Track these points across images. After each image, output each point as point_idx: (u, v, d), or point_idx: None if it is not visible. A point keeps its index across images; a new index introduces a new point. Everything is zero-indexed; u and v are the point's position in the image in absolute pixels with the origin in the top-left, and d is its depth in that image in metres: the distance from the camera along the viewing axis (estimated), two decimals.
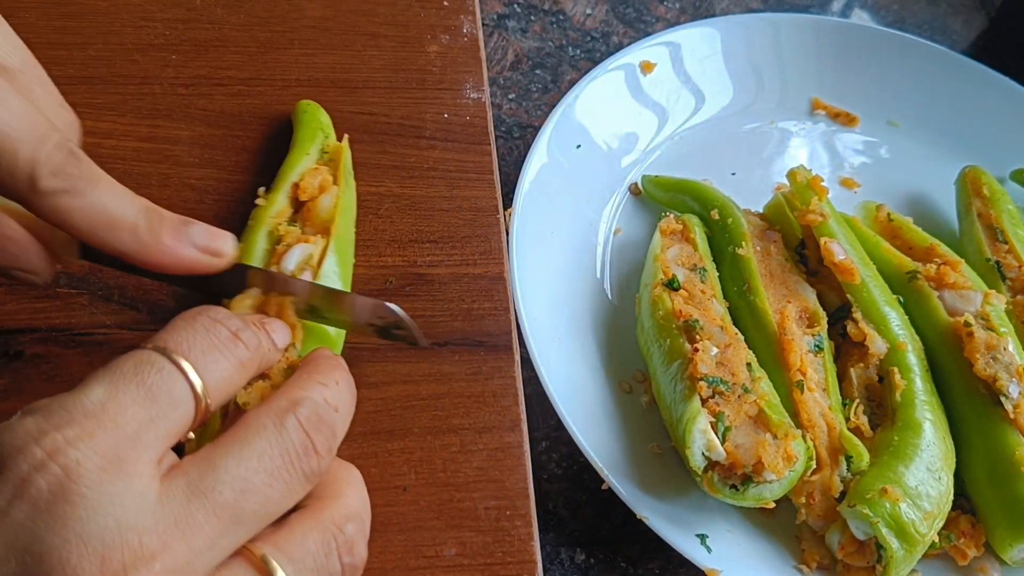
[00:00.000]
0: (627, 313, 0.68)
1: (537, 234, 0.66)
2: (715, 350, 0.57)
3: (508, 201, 0.65)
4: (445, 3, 0.70)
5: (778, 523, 0.58)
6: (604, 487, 0.56)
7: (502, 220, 0.61)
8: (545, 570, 0.48)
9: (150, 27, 0.65)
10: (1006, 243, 0.69)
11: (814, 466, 0.55)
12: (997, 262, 0.68)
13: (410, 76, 0.66)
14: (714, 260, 0.69)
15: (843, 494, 0.55)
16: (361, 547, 0.36)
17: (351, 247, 0.54)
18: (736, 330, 0.60)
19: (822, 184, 0.68)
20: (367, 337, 0.54)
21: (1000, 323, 0.61)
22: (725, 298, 0.65)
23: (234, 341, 0.36)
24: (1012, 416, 0.57)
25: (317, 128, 0.57)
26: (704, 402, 0.54)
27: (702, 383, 0.55)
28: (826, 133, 0.83)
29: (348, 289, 0.52)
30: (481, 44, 0.69)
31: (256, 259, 0.49)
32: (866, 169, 0.81)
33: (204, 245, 0.41)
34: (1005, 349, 0.59)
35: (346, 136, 0.58)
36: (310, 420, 0.35)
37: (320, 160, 0.56)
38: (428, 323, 0.55)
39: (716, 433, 0.53)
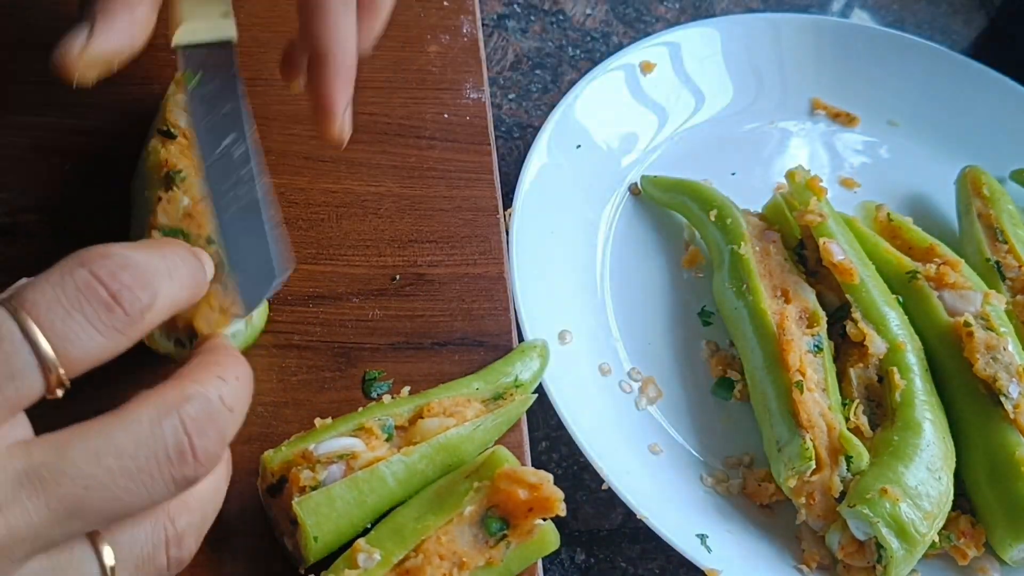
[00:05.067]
0: (627, 313, 0.68)
1: (537, 234, 0.66)
2: (187, 200, 0.51)
3: (508, 201, 0.65)
4: (445, 3, 0.70)
5: (778, 523, 0.58)
6: (604, 487, 0.56)
7: (502, 220, 0.61)
8: (545, 570, 0.48)
9: None
10: (1006, 243, 0.69)
11: (814, 466, 0.55)
12: (997, 262, 0.68)
13: (410, 76, 0.66)
14: (713, 260, 0.69)
15: (843, 494, 0.55)
16: (191, 541, 0.34)
17: None
18: None
19: (820, 184, 0.68)
20: (365, 338, 0.54)
21: (1000, 323, 0.61)
22: (724, 299, 0.65)
23: (111, 307, 0.32)
24: (1012, 416, 0.57)
25: None
26: None
27: (156, 232, 0.49)
28: (826, 133, 0.83)
29: None
30: (481, 44, 0.69)
31: None
32: (866, 169, 0.81)
33: None
34: (1005, 349, 0.59)
35: None
36: (197, 421, 0.31)
37: None
38: (428, 323, 0.55)
39: None
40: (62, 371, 0.31)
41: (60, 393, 0.31)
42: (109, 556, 0.31)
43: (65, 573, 0.31)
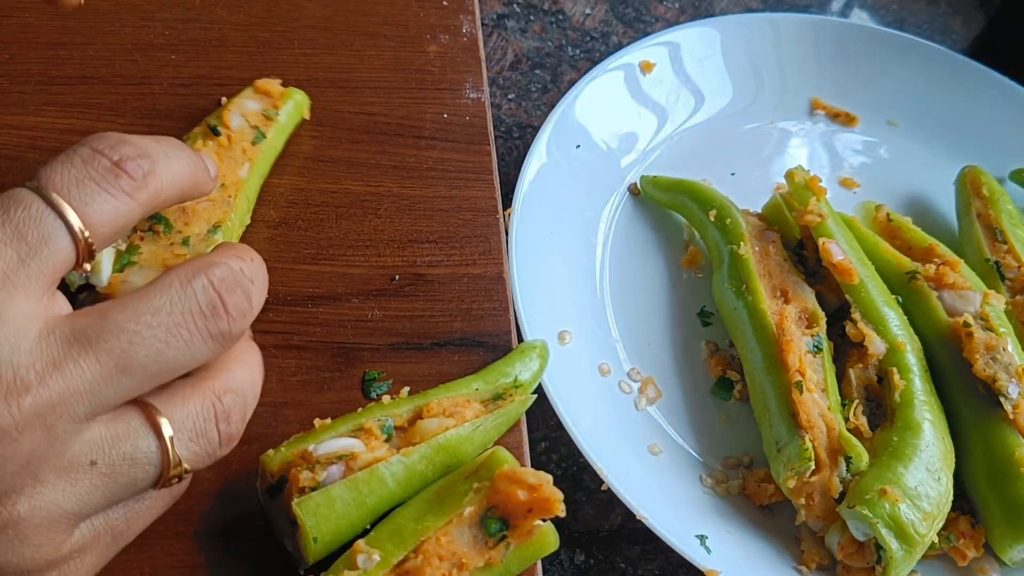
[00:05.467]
0: (627, 313, 0.68)
1: (537, 234, 0.66)
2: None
3: (508, 201, 0.65)
4: (445, 3, 0.70)
5: (778, 524, 0.59)
6: (604, 487, 0.56)
7: (502, 220, 0.61)
8: (545, 570, 0.48)
9: (150, 27, 0.65)
10: (1005, 243, 0.69)
11: (813, 467, 0.55)
12: (996, 262, 0.68)
13: (410, 76, 0.66)
14: (712, 260, 0.69)
15: (842, 495, 0.55)
16: (237, 419, 0.36)
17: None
18: (241, 198, 0.55)
19: (820, 184, 0.68)
20: (365, 339, 0.54)
21: (999, 323, 0.61)
22: (724, 299, 0.65)
23: (115, 171, 0.35)
24: (1012, 416, 0.57)
25: None
26: (134, 231, 0.50)
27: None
28: (826, 133, 0.83)
29: None
30: (481, 44, 0.69)
31: None
32: (866, 169, 0.81)
33: None
34: (1004, 349, 0.59)
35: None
36: (224, 281, 0.34)
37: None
38: (428, 323, 0.55)
39: (115, 260, 0.48)
40: (87, 233, 0.33)
41: (88, 268, 0.35)
42: (167, 428, 0.33)
43: (123, 444, 0.33)
